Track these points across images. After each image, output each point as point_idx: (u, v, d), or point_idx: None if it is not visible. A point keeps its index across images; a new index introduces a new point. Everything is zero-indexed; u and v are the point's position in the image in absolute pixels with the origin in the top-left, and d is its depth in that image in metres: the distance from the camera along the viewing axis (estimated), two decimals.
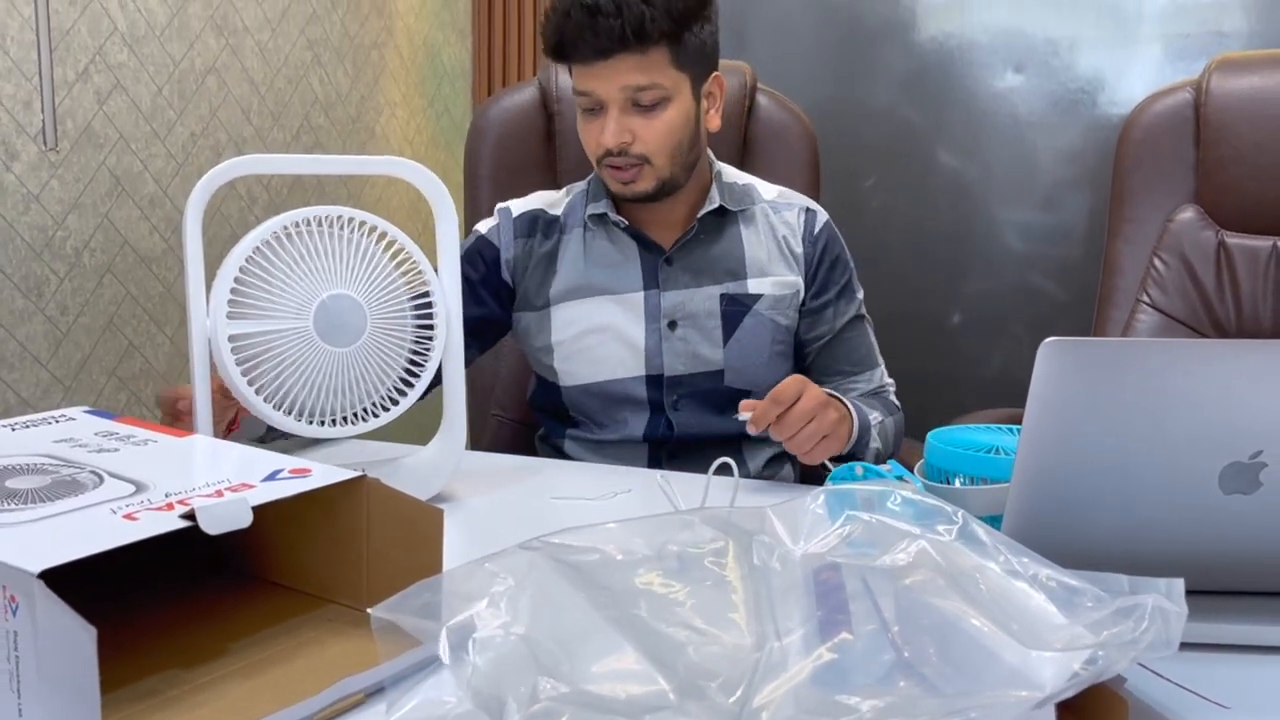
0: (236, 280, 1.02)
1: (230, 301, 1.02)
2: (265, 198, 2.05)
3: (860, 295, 1.50)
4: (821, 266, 1.45)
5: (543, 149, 1.78)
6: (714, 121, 1.41)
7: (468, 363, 1.45)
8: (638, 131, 1.32)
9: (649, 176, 1.35)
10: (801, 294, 1.45)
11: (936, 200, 2.53)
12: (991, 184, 2.49)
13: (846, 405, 1.26)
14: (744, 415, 1.13)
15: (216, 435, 1.12)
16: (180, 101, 1.84)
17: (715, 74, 1.38)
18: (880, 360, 1.51)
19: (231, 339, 1.01)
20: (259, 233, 1.03)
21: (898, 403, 1.49)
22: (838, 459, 1.21)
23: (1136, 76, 2.36)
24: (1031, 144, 2.45)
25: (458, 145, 2.63)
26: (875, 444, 1.32)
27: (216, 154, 1.92)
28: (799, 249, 1.44)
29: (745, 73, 1.78)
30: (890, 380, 1.51)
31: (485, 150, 1.80)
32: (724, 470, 1.05)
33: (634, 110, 1.32)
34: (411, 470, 1.15)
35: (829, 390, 1.26)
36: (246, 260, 1.02)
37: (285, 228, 1.04)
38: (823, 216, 1.48)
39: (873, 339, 1.51)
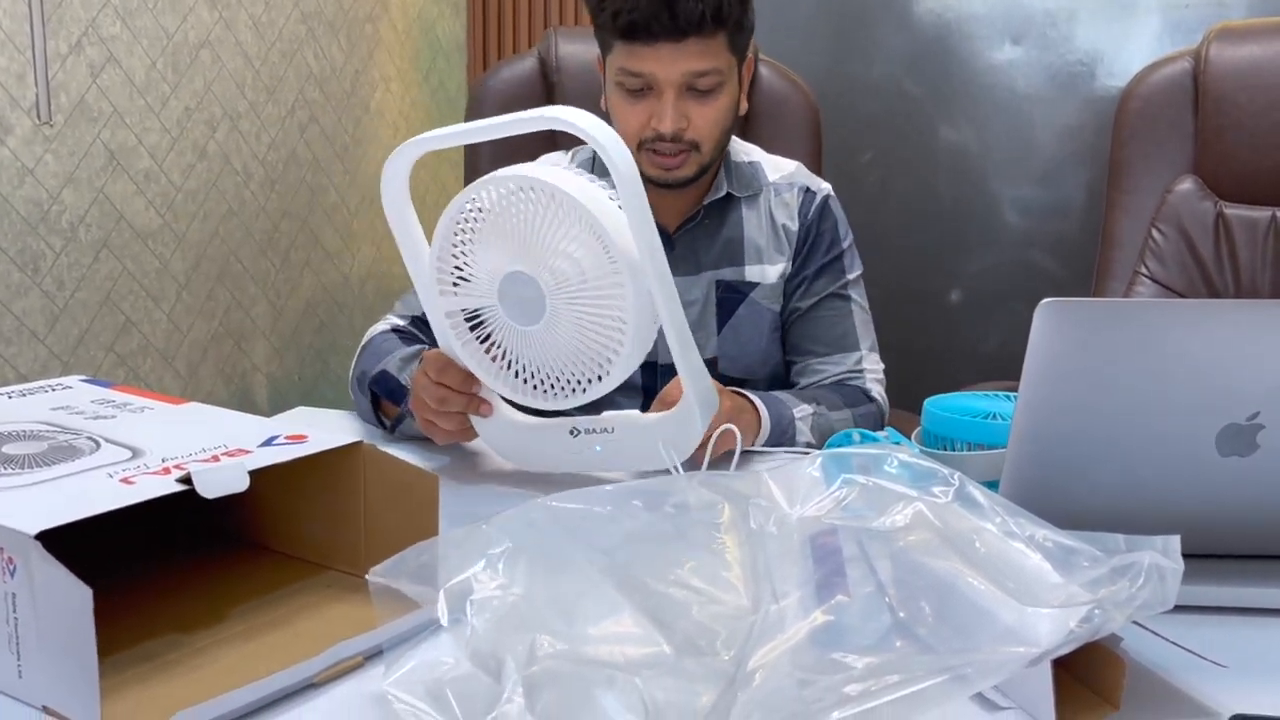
0: (441, 255, 1.03)
1: (438, 279, 1.04)
2: (261, 173, 2.04)
3: (850, 276, 1.43)
4: (806, 244, 1.41)
5: None
6: (744, 105, 1.38)
7: None
8: (693, 117, 1.29)
9: (693, 163, 1.32)
10: (787, 273, 1.42)
11: (935, 175, 2.52)
12: (990, 159, 2.48)
13: (746, 396, 1.21)
14: None
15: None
16: (174, 75, 1.83)
17: (750, 56, 1.36)
18: (863, 345, 1.41)
19: (448, 315, 1.05)
20: (460, 199, 1.01)
21: (875, 392, 1.39)
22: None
23: (1135, 49, 2.35)
24: (1029, 118, 2.44)
25: (454, 120, 2.62)
26: (805, 438, 1.24)
27: (211, 129, 1.91)
28: (794, 229, 1.41)
29: None
30: (873, 367, 1.42)
31: None
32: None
33: (689, 95, 1.28)
34: (650, 431, 1.08)
35: (733, 389, 1.20)
36: (455, 231, 1.02)
37: (484, 195, 1.00)
38: (820, 195, 1.43)
39: (856, 321, 1.41)
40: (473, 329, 1.06)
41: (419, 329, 1.34)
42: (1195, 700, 0.70)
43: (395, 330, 1.32)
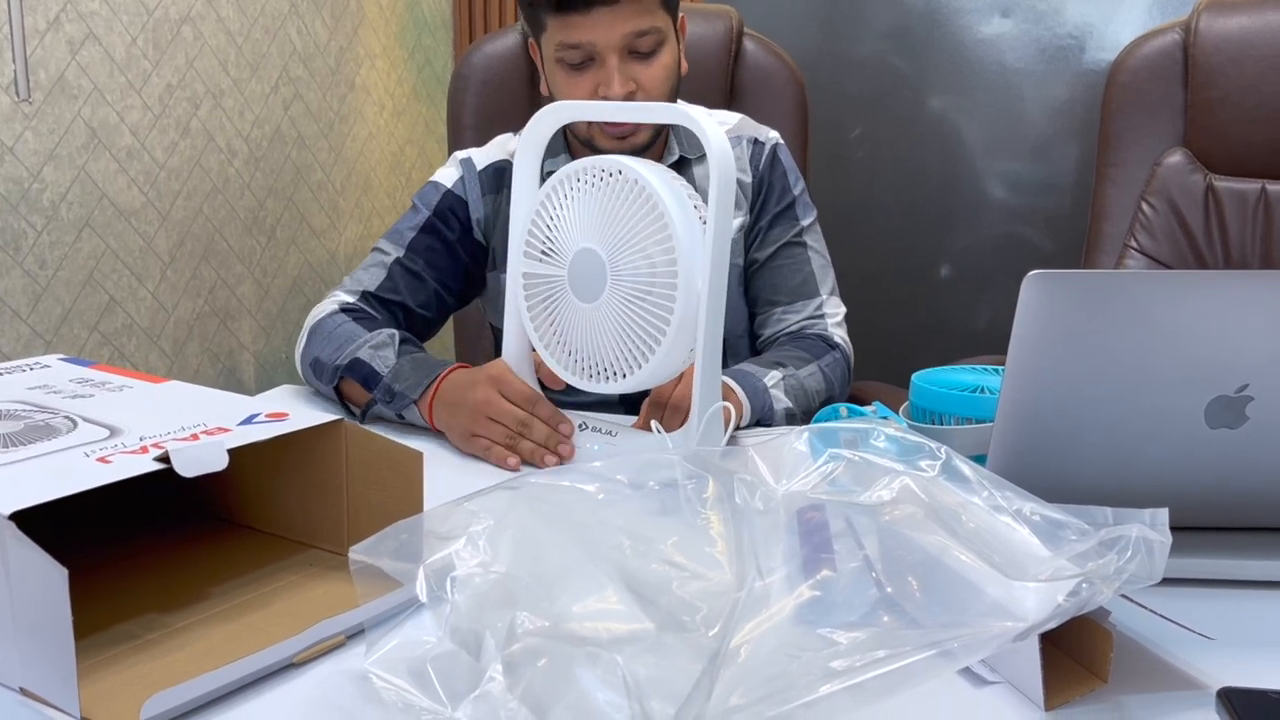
0: (536, 221, 1.06)
1: (527, 242, 1.06)
2: (245, 150, 2.02)
3: (804, 222, 1.42)
4: (759, 195, 1.41)
5: (527, 95, 1.76)
6: (684, 66, 1.37)
7: (443, 318, 1.43)
8: (639, 79, 1.28)
9: (647, 127, 1.32)
10: (746, 225, 1.41)
11: (923, 151, 2.51)
12: (979, 134, 2.47)
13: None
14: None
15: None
16: (155, 52, 1.80)
17: (681, 15, 1.36)
18: (823, 290, 1.40)
19: (525, 276, 1.07)
20: (555, 178, 1.04)
21: (838, 337, 1.37)
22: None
23: (1125, 22, 2.34)
24: (1019, 93, 2.42)
25: (440, 98, 2.60)
26: (785, 404, 1.22)
27: (194, 106, 1.89)
28: (747, 181, 1.41)
29: (731, 17, 1.76)
30: (834, 311, 1.40)
31: (469, 98, 1.77)
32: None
33: (631, 58, 1.28)
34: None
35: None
36: (543, 204, 1.05)
37: (576, 174, 1.03)
38: (768, 145, 1.42)
39: (814, 267, 1.41)
40: (539, 296, 1.07)
41: (369, 304, 1.32)
42: (1183, 673, 0.70)
43: (344, 310, 1.29)
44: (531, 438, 1.08)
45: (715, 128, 1.00)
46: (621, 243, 1.00)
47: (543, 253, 1.05)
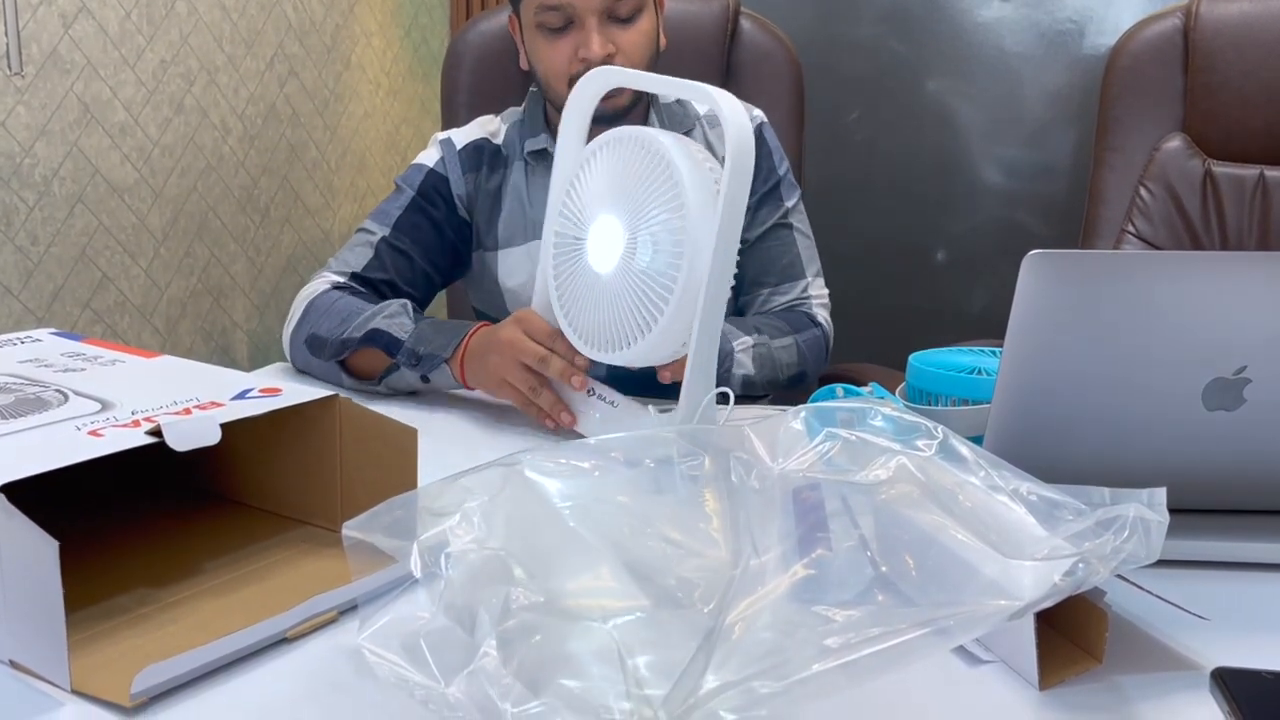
0: (570, 186, 1.05)
1: (562, 203, 1.06)
2: (240, 128, 2.01)
3: (789, 203, 1.42)
4: None
5: (521, 74, 1.74)
6: (664, 40, 1.38)
7: (430, 297, 1.42)
8: (619, 42, 1.29)
9: (626, 91, 1.31)
10: None
11: (921, 134, 2.50)
12: (977, 119, 2.46)
13: None
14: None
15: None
16: (149, 27, 1.79)
17: None
18: (809, 272, 1.41)
19: (556, 234, 1.07)
20: (593, 145, 1.05)
21: (821, 317, 1.39)
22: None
23: (1125, 6, 2.33)
24: (1018, 77, 2.42)
25: (436, 77, 2.58)
26: (746, 370, 1.23)
27: (188, 82, 1.88)
28: None
29: None
30: (819, 293, 1.41)
31: (463, 77, 1.76)
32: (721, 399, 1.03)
33: (610, 22, 1.29)
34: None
35: None
36: (581, 169, 1.05)
37: (608, 143, 1.03)
38: (752, 125, 1.40)
39: (800, 249, 1.41)
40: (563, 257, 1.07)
41: (359, 285, 1.32)
42: (1178, 654, 0.70)
43: (337, 289, 1.29)
44: (549, 371, 1.08)
45: (737, 109, 0.98)
46: (638, 213, 0.99)
47: (563, 215, 1.06)
